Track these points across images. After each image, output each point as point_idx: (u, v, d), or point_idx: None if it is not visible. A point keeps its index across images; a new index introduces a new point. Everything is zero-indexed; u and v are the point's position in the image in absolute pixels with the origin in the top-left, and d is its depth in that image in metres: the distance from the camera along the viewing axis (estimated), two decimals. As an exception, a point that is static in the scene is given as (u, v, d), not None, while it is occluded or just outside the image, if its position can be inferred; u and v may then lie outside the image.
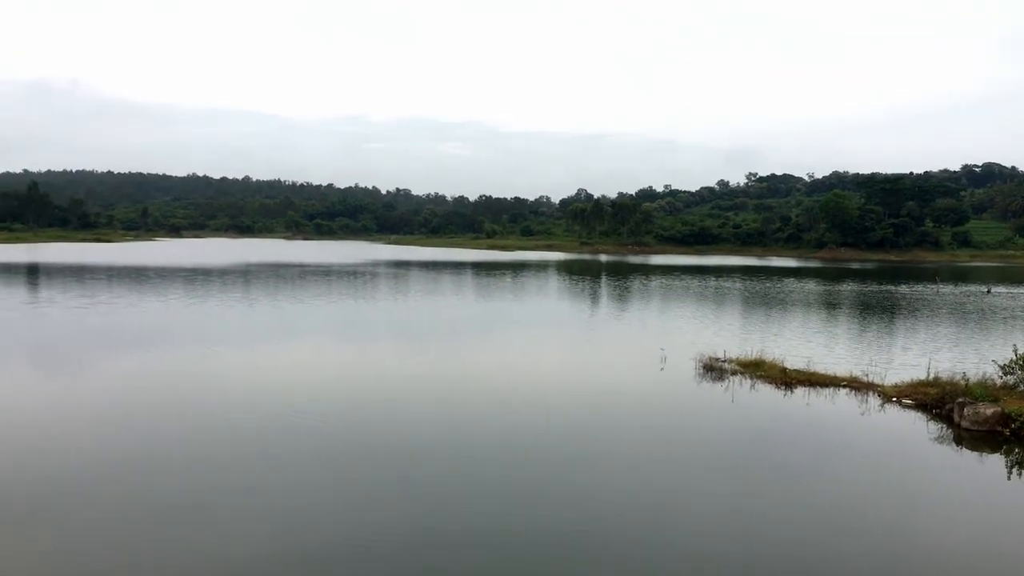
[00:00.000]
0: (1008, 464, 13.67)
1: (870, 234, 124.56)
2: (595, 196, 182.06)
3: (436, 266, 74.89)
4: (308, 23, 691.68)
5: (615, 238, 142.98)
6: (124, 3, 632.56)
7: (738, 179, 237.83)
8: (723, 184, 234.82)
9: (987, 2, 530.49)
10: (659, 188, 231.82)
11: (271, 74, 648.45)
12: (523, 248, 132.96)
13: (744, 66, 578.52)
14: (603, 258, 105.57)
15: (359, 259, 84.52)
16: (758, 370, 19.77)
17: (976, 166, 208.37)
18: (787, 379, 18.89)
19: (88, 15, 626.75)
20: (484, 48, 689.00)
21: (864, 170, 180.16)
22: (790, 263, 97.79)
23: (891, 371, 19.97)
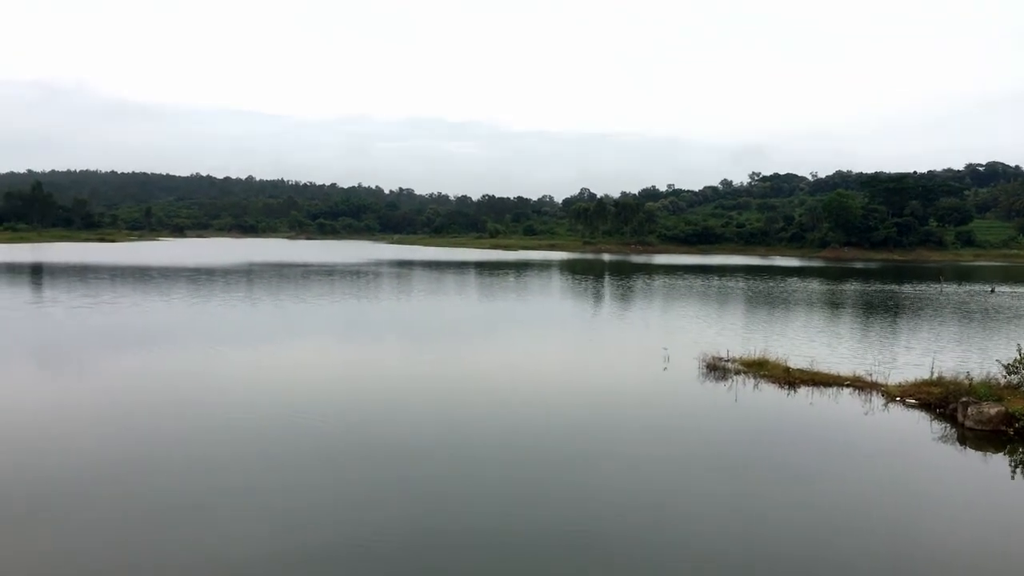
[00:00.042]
0: (1012, 464, 13.61)
1: (874, 233, 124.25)
2: (598, 195, 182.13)
3: (439, 266, 74.90)
4: (309, 23, 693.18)
5: (618, 238, 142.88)
6: (128, 4, 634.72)
7: (741, 178, 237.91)
8: (726, 183, 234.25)
9: (987, 2, 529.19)
10: (662, 187, 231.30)
11: (275, 74, 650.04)
12: (526, 248, 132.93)
13: (745, 66, 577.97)
14: (606, 258, 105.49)
15: (362, 259, 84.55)
16: (761, 370, 19.71)
17: (980, 165, 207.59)
18: (791, 379, 18.83)
19: (93, 16, 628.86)
20: (486, 48, 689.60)
21: (868, 169, 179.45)
22: (793, 262, 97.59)
23: (895, 371, 19.92)
